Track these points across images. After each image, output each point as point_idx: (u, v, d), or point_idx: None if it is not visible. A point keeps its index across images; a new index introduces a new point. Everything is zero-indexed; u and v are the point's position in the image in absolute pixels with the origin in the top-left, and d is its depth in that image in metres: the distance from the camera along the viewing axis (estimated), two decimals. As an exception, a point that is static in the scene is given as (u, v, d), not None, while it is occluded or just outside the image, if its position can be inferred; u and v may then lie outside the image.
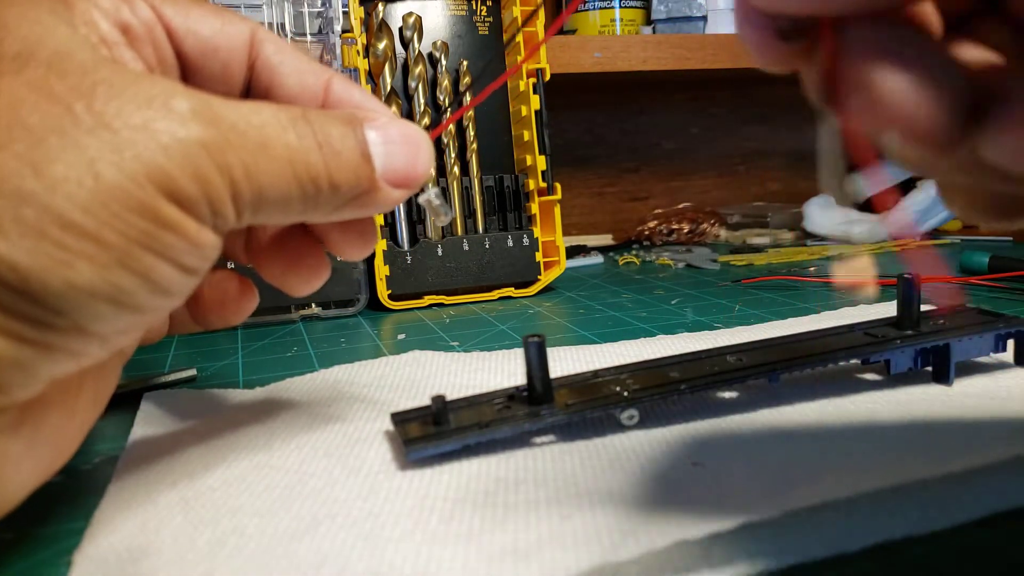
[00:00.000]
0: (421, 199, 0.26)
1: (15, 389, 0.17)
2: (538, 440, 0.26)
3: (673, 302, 0.50)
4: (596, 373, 0.29)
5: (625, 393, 0.26)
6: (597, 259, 0.70)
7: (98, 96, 0.17)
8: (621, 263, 0.68)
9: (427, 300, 0.53)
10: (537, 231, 0.57)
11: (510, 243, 0.55)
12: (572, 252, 0.70)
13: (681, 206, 0.84)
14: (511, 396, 0.27)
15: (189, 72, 0.24)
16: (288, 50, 0.25)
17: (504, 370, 0.34)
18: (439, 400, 0.25)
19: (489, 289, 0.55)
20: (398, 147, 0.22)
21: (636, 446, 0.25)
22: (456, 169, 0.54)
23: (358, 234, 0.26)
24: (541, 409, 0.26)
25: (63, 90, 0.17)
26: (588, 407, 0.26)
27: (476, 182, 0.55)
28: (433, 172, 0.24)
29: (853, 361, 0.29)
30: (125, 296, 0.17)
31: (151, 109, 0.17)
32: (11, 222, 0.15)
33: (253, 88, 0.25)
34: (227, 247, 0.28)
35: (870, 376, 0.31)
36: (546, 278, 0.56)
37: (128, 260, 0.17)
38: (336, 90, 0.25)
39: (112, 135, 0.17)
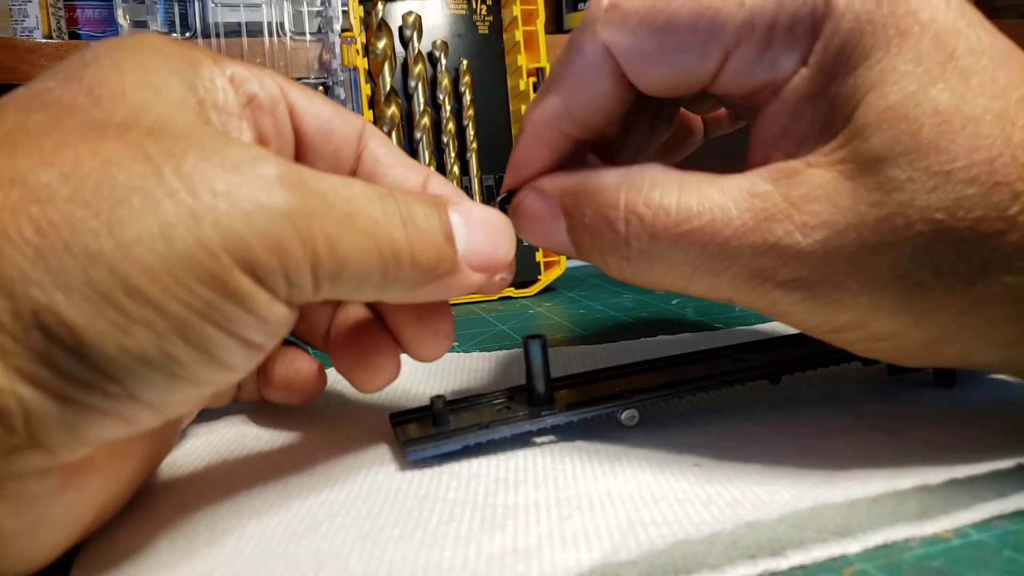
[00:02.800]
0: None
1: (60, 450, 0.16)
2: (538, 440, 0.26)
3: (673, 302, 0.50)
4: (596, 373, 0.29)
5: (625, 393, 0.26)
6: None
7: (188, 159, 0.17)
8: (621, 263, 0.68)
9: (427, 300, 0.53)
10: (537, 231, 0.56)
11: (510, 243, 0.55)
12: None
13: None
14: (511, 396, 0.27)
15: (304, 149, 0.25)
16: (392, 146, 0.27)
17: (504, 370, 0.34)
18: (439, 400, 0.25)
19: (489, 289, 0.55)
20: (481, 231, 0.23)
21: (636, 446, 0.25)
22: (456, 169, 0.54)
23: (433, 332, 0.26)
24: (541, 409, 0.26)
25: (155, 151, 0.17)
26: (588, 407, 0.26)
27: (476, 182, 0.55)
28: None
29: (854, 362, 0.29)
30: (180, 368, 0.16)
31: (238, 174, 0.17)
32: (79, 282, 0.15)
33: (357, 177, 0.26)
34: (307, 331, 0.28)
35: (870, 377, 0.31)
36: (546, 278, 0.56)
37: (187, 331, 0.16)
38: (432, 186, 0.26)
39: (194, 199, 0.16)
